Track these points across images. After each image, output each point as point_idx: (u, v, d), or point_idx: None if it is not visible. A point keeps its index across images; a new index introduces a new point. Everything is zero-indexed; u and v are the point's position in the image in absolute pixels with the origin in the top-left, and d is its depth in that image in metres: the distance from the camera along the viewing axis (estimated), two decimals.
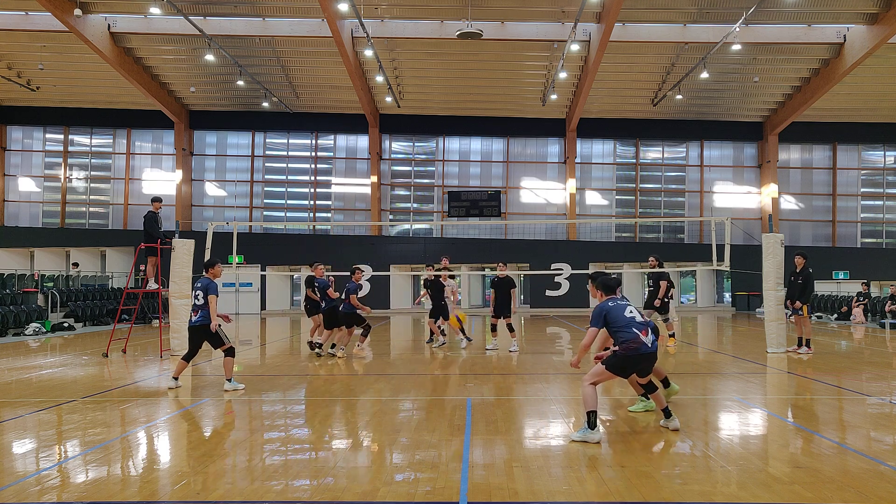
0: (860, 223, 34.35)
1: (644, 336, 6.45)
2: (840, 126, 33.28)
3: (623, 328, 6.48)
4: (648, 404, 7.67)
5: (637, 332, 6.44)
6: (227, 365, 9.46)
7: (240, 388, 9.43)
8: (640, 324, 6.52)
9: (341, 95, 31.26)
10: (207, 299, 9.27)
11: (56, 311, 22.39)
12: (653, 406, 7.59)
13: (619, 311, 6.57)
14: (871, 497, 4.76)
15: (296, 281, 33.79)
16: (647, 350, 6.48)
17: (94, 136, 34.32)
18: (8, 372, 11.62)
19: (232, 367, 9.48)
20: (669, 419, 6.80)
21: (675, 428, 6.73)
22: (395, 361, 12.96)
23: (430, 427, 7.03)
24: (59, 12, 22.93)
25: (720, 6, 23.77)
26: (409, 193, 34.48)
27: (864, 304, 23.48)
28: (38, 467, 5.70)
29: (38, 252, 32.40)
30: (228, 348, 9.46)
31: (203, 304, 9.28)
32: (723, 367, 11.94)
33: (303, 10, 24.92)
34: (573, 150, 33.10)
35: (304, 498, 4.88)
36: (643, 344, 6.44)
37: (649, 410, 7.65)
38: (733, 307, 32.49)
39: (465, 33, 22.92)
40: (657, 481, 5.15)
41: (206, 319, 9.25)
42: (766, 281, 13.55)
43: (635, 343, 6.41)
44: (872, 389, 9.42)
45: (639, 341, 6.42)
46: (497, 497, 4.79)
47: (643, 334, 6.45)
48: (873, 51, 24.74)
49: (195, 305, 9.35)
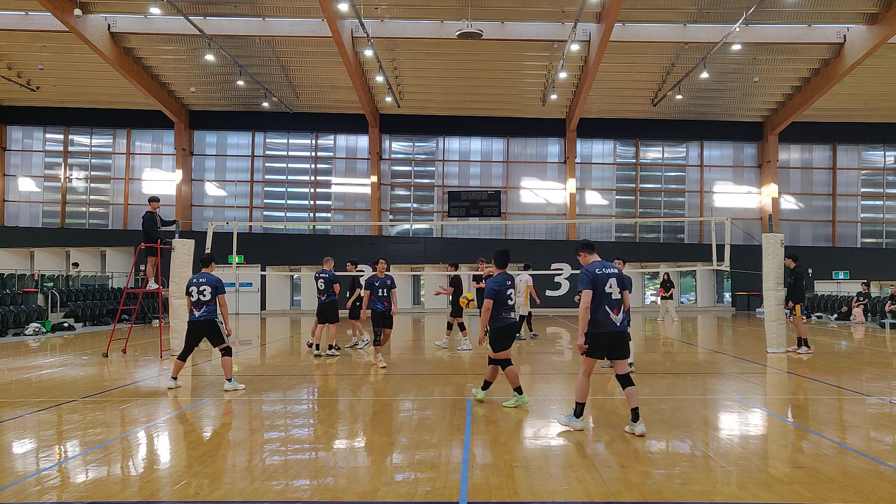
0: (860, 223, 34.35)
1: (615, 315, 6.61)
2: (840, 126, 33.28)
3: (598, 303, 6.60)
4: (521, 399, 8.02)
5: (609, 311, 6.58)
6: (225, 365, 9.46)
7: (240, 388, 9.44)
8: (613, 301, 6.62)
9: (341, 95, 31.26)
10: (217, 298, 9.30)
11: (56, 311, 22.38)
12: (526, 401, 8.04)
13: (603, 283, 6.63)
14: (871, 497, 4.76)
15: (296, 281, 33.79)
16: (616, 328, 6.63)
17: (94, 136, 34.32)
18: (8, 372, 11.62)
19: (231, 367, 9.48)
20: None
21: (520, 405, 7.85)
22: (396, 361, 12.95)
23: (430, 427, 7.03)
24: (59, 12, 22.93)
25: (720, 6, 23.76)
26: (409, 193, 34.48)
27: (864, 304, 23.49)
28: (38, 467, 5.70)
29: (38, 252, 32.40)
30: (226, 347, 9.45)
31: (209, 300, 9.27)
32: (723, 367, 11.95)
33: (303, 10, 24.92)
34: (573, 150, 33.09)
35: (304, 498, 4.88)
36: (612, 322, 6.60)
37: (521, 406, 7.99)
38: (733, 307, 32.49)
39: (465, 33, 22.92)
40: (657, 481, 5.15)
41: (211, 315, 9.27)
42: (766, 281, 13.56)
43: (605, 320, 6.59)
44: (872, 389, 9.42)
45: (608, 319, 6.59)
46: (497, 497, 4.79)
47: (614, 313, 6.61)
48: (873, 51, 24.74)
49: (199, 301, 9.29)
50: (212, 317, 9.28)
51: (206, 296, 9.27)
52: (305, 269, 32.47)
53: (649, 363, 12.45)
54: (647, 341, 17.35)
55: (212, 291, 9.28)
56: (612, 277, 6.66)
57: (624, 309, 6.76)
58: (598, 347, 6.64)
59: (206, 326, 9.30)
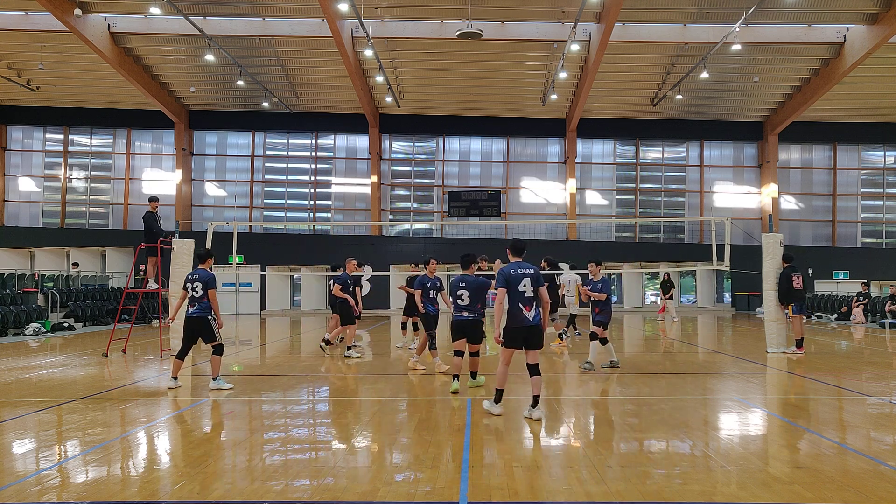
0: (860, 223, 34.35)
1: (527, 311, 7.22)
2: (840, 126, 33.27)
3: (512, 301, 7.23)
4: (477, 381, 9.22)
5: (521, 307, 7.20)
6: (213, 363, 9.41)
7: (225, 387, 9.36)
8: (526, 299, 7.22)
9: (341, 95, 31.26)
10: (207, 293, 9.25)
11: (56, 311, 22.38)
12: (481, 382, 9.26)
13: (516, 282, 7.24)
14: (871, 497, 4.76)
15: (296, 281, 33.79)
16: (529, 322, 7.21)
17: (94, 136, 34.31)
18: (8, 372, 11.62)
19: (219, 365, 9.43)
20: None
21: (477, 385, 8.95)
22: (396, 361, 12.95)
23: (430, 427, 7.03)
24: (59, 12, 22.93)
25: (720, 6, 23.76)
26: (409, 193, 34.48)
27: (864, 304, 23.48)
28: (38, 467, 5.70)
29: (38, 252, 32.39)
30: (218, 345, 9.40)
31: (201, 296, 9.25)
32: (723, 367, 11.95)
33: (303, 10, 24.92)
34: (573, 150, 33.09)
35: (304, 498, 4.88)
36: (525, 317, 7.21)
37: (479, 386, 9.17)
38: (733, 307, 32.49)
39: (465, 33, 22.92)
40: (657, 481, 5.15)
41: (204, 312, 9.24)
42: (766, 281, 13.57)
43: (518, 316, 7.22)
44: (872, 389, 9.42)
45: (520, 315, 7.22)
46: (497, 497, 4.79)
47: (527, 309, 7.22)
48: (873, 51, 24.74)
49: (192, 297, 9.30)
50: (205, 314, 9.24)
51: (199, 292, 9.26)
52: (305, 269, 32.48)
53: (650, 363, 12.46)
54: (647, 341, 17.36)
55: (202, 287, 9.25)
56: (527, 277, 7.24)
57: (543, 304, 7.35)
58: (514, 339, 7.29)
59: (199, 323, 9.27)
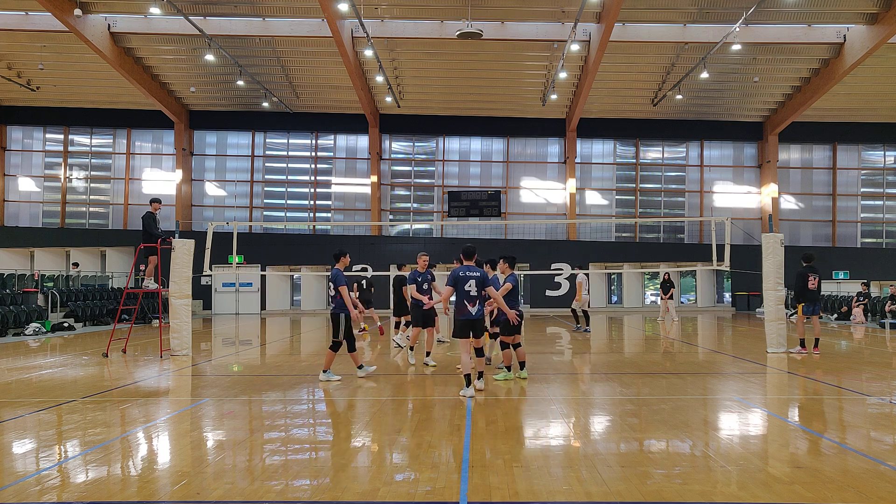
0: (860, 223, 34.35)
1: (471, 307, 8.62)
2: (840, 126, 33.28)
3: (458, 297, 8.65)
4: (509, 375, 9.85)
5: (466, 304, 8.60)
6: (327, 356, 10.00)
7: (333, 378, 9.91)
8: (471, 296, 8.60)
9: (341, 95, 31.26)
10: (338, 290, 9.77)
11: (56, 311, 22.38)
12: (512, 377, 9.88)
13: (463, 283, 8.61)
14: (871, 497, 4.76)
15: (296, 281, 33.79)
16: (472, 317, 8.67)
17: (94, 136, 34.31)
18: (8, 372, 11.62)
19: (331, 361, 9.99)
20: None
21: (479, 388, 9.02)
22: (394, 361, 12.95)
23: (430, 427, 7.04)
24: (59, 12, 22.93)
25: (720, 6, 23.76)
26: (409, 193, 34.48)
27: (864, 304, 23.48)
28: (38, 467, 5.70)
29: (38, 252, 32.39)
30: (334, 343, 9.91)
31: (334, 294, 9.83)
32: (723, 367, 11.95)
33: (303, 10, 24.92)
34: (573, 150, 33.09)
35: (304, 498, 4.88)
36: (468, 312, 8.63)
37: (508, 380, 9.76)
38: (733, 307, 32.49)
39: (465, 33, 22.92)
40: (657, 481, 5.15)
41: (337, 308, 9.82)
42: (766, 281, 13.55)
43: (463, 311, 8.64)
44: (872, 389, 9.42)
45: (465, 310, 8.63)
46: (497, 497, 4.79)
47: (471, 305, 8.61)
48: (873, 51, 24.74)
49: (329, 295, 10.06)
50: (337, 311, 9.82)
51: (332, 290, 9.86)
52: (305, 269, 32.49)
53: (650, 363, 12.46)
54: (647, 341, 17.36)
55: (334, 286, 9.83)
56: (472, 279, 8.62)
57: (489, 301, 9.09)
58: (462, 329, 8.69)
59: (332, 318, 9.89)
